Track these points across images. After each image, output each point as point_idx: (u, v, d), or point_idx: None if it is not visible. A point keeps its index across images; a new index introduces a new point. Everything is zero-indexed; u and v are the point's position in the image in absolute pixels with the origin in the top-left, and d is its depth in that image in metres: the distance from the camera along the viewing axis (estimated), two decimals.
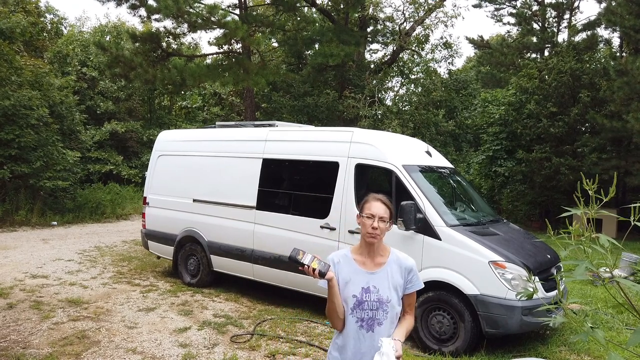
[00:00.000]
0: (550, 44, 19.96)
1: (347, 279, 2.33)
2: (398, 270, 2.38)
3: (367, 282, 2.32)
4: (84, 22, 34.53)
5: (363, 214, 2.35)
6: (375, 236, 2.30)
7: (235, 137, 7.61)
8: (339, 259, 2.38)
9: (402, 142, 6.80)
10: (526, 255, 5.38)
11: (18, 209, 13.31)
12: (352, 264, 2.36)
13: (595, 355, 5.24)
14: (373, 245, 2.35)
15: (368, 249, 2.36)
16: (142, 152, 21.75)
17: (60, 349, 4.92)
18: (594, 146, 14.65)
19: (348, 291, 2.31)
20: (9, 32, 15.18)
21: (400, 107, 18.98)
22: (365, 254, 2.37)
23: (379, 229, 2.30)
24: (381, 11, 20.32)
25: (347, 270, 2.35)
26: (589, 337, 1.52)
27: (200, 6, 14.06)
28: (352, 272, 2.34)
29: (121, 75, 14.80)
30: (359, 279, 2.32)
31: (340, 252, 2.42)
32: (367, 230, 2.31)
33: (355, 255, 2.39)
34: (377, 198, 2.37)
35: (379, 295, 2.30)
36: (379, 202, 2.35)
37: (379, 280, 2.33)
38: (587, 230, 1.58)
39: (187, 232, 7.68)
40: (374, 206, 2.33)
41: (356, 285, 2.31)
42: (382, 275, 2.34)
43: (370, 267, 2.35)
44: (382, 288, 2.31)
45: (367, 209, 2.34)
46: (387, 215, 2.33)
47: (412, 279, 2.41)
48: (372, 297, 2.30)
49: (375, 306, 2.29)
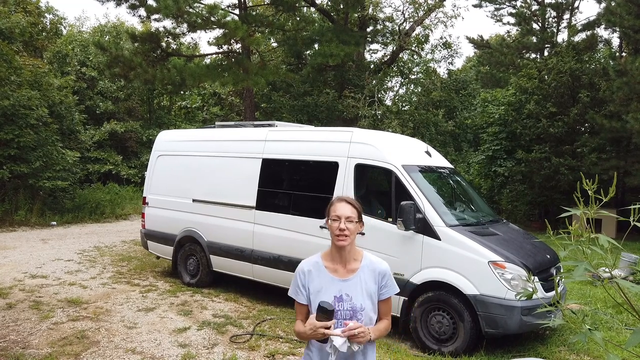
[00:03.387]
0: (550, 44, 19.97)
1: (318, 287, 2.24)
2: (371, 276, 2.27)
3: (339, 291, 2.22)
4: (83, 22, 34.69)
5: (329, 217, 2.26)
6: (344, 238, 2.20)
7: (234, 137, 7.60)
8: (310, 268, 2.28)
9: (402, 142, 6.80)
10: (526, 256, 5.38)
11: (17, 209, 13.30)
12: (323, 272, 2.26)
13: (595, 355, 5.24)
14: (344, 249, 2.24)
15: (339, 253, 2.26)
16: (141, 152, 21.75)
17: (59, 349, 4.91)
18: (593, 146, 14.66)
19: (319, 300, 2.19)
20: (8, 32, 15.18)
21: (400, 107, 19.01)
22: (337, 260, 2.27)
23: (347, 230, 2.20)
24: (381, 11, 20.36)
25: (319, 279, 2.25)
26: (589, 337, 1.52)
27: (200, 6, 14.05)
28: (323, 281, 2.24)
29: (120, 75, 14.80)
30: (330, 288, 2.23)
31: (311, 260, 2.32)
32: (334, 232, 2.22)
33: (327, 262, 2.29)
34: (341, 199, 2.30)
35: (352, 303, 2.20)
36: (343, 203, 2.27)
37: (352, 287, 2.23)
38: (587, 230, 1.58)
39: (187, 232, 7.67)
40: (339, 207, 2.25)
41: (328, 294, 2.21)
42: (355, 282, 2.24)
43: (342, 274, 2.25)
44: (355, 296, 2.22)
45: (332, 211, 2.26)
46: (354, 215, 2.24)
47: (387, 284, 2.30)
48: (345, 306, 2.20)
49: (348, 315, 2.20)
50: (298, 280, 2.29)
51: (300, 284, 2.28)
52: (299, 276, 2.29)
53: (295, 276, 2.31)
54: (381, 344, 5.38)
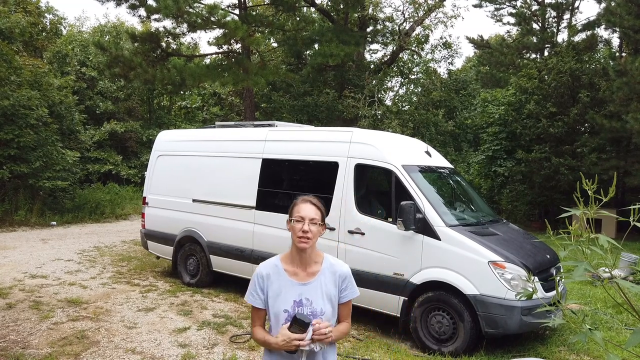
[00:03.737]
0: (550, 44, 19.97)
1: (277, 292, 2.15)
2: (332, 279, 2.21)
3: (299, 295, 2.15)
4: (83, 22, 34.70)
5: (292, 217, 2.18)
6: (306, 240, 2.13)
7: (234, 137, 7.60)
8: (269, 272, 2.19)
9: (402, 142, 6.80)
10: (526, 256, 5.38)
11: (17, 209, 13.30)
12: (282, 276, 2.18)
13: (595, 355, 5.24)
14: (305, 251, 2.17)
15: (300, 256, 2.19)
16: (141, 152, 21.75)
17: (59, 349, 4.91)
18: (593, 146, 14.65)
19: (279, 305, 2.13)
20: (8, 32, 15.19)
21: (400, 107, 19.01)
22: (297, 263, 2.20)
23: (310, 232, 2.12)
24: (381, 11, 20.36)
25: (278, 282, 2.17)
26: (589, 337, 1.52)
27: (200, 6, 14.06)
28: (282, 285, 2.16)
29: (120, 75, 14.80)
30: (290, 292, 2.15)
31: (270, 263, 2.23)
32: (297, 234, 2.14)
33: (286, 265, 2.20)
34: (306, 200, 2.21)
35: (312, 308, 2.13)
36: (308, 204, 2.18)
37: (312, 291, 2.16)
38: (587, 231, 1.58)
39: (187, 232, 7.67)
40: (303, 208, 2.17)
41: (287, 299, 2.14)
42: (315, 286, 2.17)
43: (302, 278, 2.18)
44: (316, 300, 2.15)
45: (295, 212, 2.18)
46: (318, 217, 2.17)
47: (347, 287, 2.24)
48: (305, 311, 2.12)
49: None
50: (256, 284, 2.18)
51: (258, 289, 2.17)
52: (256, 280, 2.18)
53: (252, 280, 2.20)
54: (381, 344, 5.39)
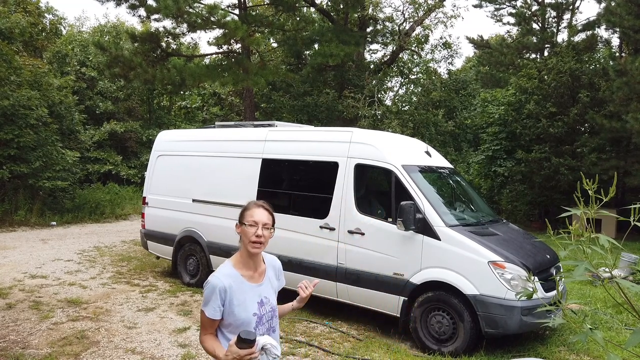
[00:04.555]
0: (549, 44, 19.97)
1: (242, 300, 2.19)
2: (274, 273, 2.38)
3: (259, 296, 2.25)
4: (83, 22, 34.69)
5: (245, 221, 2.21)
6: (259, 245, 2.19)
7: (234, 137, 7.60)
8: (230, 283, 2.18)
9: (402, 142, 6.80)
10: (525, 256, 5.38)
11: (17, 209, 13.30)
12: (244, 284, 2.22)
13: (595, 355, 5.24)
14: (257, 255, 2.25)
15: (252, 259, 2.25)
16: (141, 152, 21.73)
17: (59, 349, 4.91)
18: (593, 146, 14.65)
19: (247, 312, 2.18)
20: (8, 32, 15.18)
21: (399, 107, 18.99)
22: (250, 266, 2.26)
23: (263, 237, 2.18)
24: (381, 11, 20.35)
25: (240, 291, 2.20)
26: (589, 337, 1.52)
27: (200, 6, 14.05)
28: (245, 291, 2.21)
29: (120, 75, 14.79)
30: (253, 296, 2.22)
31: (226, 273, 2.21)
32: (250, 239, 2.18)
33: (241, 270, 2.24)
34: (258, 205, 2.26)
35: (271, 304, 2.29)
36: (261, 209, 2.24)
37: (266, 289, 2.29)
38: (587, 231, 1.57)
39: (187, 232, 7.67)
40: (257, 213, 2.21)
41: (253, 303, 2.21)
42: (267, 284, 2.31)
43: (256, 280, 2.27)
44: (270, 295, 2.30)
45: (248, 216, 2.21)
46: (270, 222, 2.24)
47: (281, 278, 2.44)
48: (267, 309, 2.26)
49: (270, 315, 2.28)
50: (218, 298, 2.14)
51: (220, 302, 2.15)
52: (219, 294, 2.14)
53: (213, 294, 2.14)
54: (381, 344, 5.39)
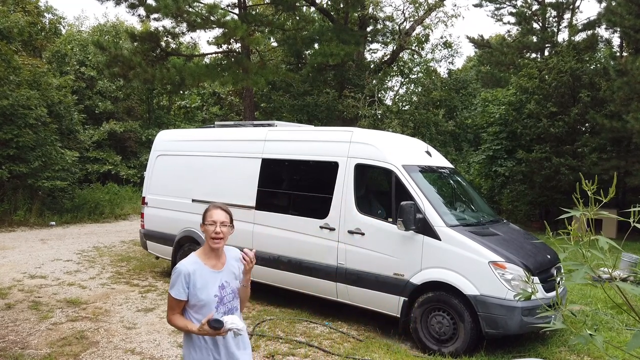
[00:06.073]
0: (550, 44, 19.96)
1: (204, 283, 2.58)
2: (235, 262, 2.73)
3: (220, 280, 2.63)
4: (82, 21, 34.58)
5: (205, 222, 2.61)
6: (219, 240, 2.59)
7: (234, 137, 7.58)
8: (194, 268, 2.59)
9: (402, 142, 6.79)
10: (526, 256, 5.36)
11: (16, 209, 13.28)
12: (204, 269, 2.62)
13: (595, 356, 5.23)
14: (218, 249, 2.64)
15: (214, 252, 2.65)
16: (140, 152, 21.72)
17: (58, 349, 4.90)
18: (594, 146, 14.63)
19: (208, 293, 2.57)
20: (7, 31, 15.16)
21: (400, 107, 18.96)
22: (213, 257, 2.66)
23: (221, 233, 2.58)
24: (381, 11, 20.27)
25: (202, 276, 2.59)
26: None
27: (200, 5, 14.04)
28: (206, 277, 2.60)
29: (120, 75, 14.78)
30: (214, 280, 2.61)
31: (191, 261, 2.62)
32: (210, 235, 2.58)
33: (204, 260, 2.64)
34: (216, 206, 2.66)
35: (231, 287, 2.67)
36: (218, 210, 2.63)
37: (227, 275, 2.67)
38: (587, 233, 1.56)
39: (186, 233, 7.65)
40: (215, 213, 2.61)
41: (214, 286, 2.60)
42: (228, 271, 2.68)
43: (219, 267, 2.66)
44: (231, 280, 2.68)
45: (208, 217, 2.62)
46: (227, 220, 2.64)
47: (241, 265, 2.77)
48: (227, 291, 2.65)
49: (231, 297, 2.67)
50: (182, 281, 2.56)
51: (184, 285, 2.56)
52: (183, 278, 2.56)
53: (178, 278, 2.57)
54: (381, 345, 5.37)
